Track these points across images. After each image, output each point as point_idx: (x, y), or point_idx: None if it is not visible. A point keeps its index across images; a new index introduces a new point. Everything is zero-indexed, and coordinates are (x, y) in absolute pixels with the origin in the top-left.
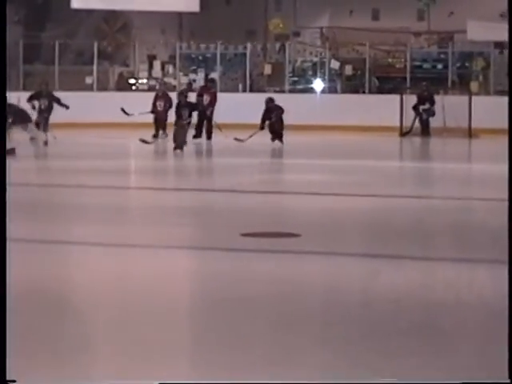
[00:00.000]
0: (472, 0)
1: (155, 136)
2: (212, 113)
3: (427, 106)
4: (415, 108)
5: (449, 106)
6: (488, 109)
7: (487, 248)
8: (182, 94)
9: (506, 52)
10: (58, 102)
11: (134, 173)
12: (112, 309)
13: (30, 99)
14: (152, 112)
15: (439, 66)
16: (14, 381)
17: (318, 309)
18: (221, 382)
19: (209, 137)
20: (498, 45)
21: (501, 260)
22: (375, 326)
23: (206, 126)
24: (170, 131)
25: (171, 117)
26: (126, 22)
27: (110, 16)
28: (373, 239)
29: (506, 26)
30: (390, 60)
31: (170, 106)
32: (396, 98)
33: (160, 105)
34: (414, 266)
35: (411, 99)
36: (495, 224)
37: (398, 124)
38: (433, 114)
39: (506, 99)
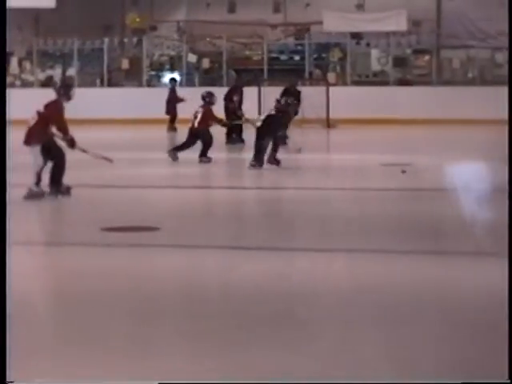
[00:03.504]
0: None
1: None
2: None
3: (291, 99)
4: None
5: (307, 97)
6: (345, 99)
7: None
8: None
9: (362, 42)
10: None
11: None
12: None
13: None
14: None
15: (296, 58)
16: None
17: (190, 303)
18: (221, 382)
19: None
20: (355, 35)
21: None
22: (235, 317)
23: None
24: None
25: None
26: None
27: None
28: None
29: (361, 16)
30: (247, 52)
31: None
32: (254, 90)
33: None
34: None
35: (269, 91)
36: (351, 214)
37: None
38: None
39: (363, 89)
